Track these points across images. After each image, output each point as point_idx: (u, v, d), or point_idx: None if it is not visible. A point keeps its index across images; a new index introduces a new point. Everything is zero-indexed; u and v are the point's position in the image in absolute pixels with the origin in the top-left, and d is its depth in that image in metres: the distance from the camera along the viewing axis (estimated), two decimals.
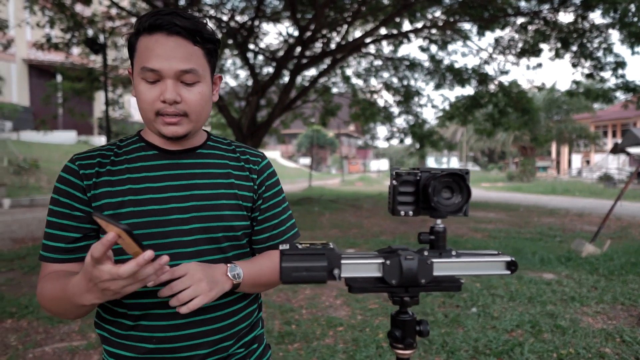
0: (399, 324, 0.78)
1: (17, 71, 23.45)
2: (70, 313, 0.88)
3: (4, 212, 11.85)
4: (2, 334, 3.33)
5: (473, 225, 8.93)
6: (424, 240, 0.80)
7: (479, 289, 4.31)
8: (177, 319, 0.92)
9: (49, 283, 0.89)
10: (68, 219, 0.92)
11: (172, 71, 0.88)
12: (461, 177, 0.77)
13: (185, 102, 0.91)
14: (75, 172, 0.93)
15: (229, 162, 1.03)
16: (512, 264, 0.80)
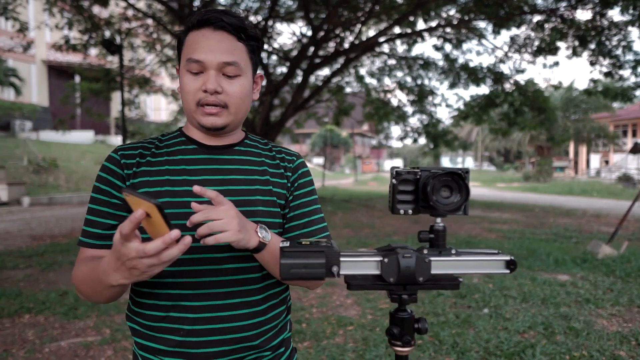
0: (398, 321, 0.79)
1: (37, 72, 23.95)
2: (101, 295, 0.90)
3: (24, 210, 12.13)
4: (20, 328, 3.42)
5: (487, 226, 8.84)
6: (424, 238, 0.81)
7: (491, 290, 4.27)
8: (205, 312, 0.93)
9: (83, 266, 0.92)
10: (106, 206, 0.95)
11: (215, 62, 0.92)
12: (460, 176, 0.78)
13: (226, 94, 0.94)
14: (117, 161, 0.97)
15: (265, 159, 1.05)
16: (512, 263, 0.80)
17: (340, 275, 0.75)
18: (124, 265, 0.75)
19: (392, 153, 61.96)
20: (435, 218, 0.80)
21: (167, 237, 0.69)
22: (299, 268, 0.74)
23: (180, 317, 0.93)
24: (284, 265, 0.73)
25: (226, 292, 0.94)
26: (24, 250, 6.39)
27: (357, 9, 10.64)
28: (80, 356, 2.98)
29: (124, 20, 11.48)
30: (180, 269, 0.92)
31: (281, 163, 1.07)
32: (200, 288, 0.93)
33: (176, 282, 0.93)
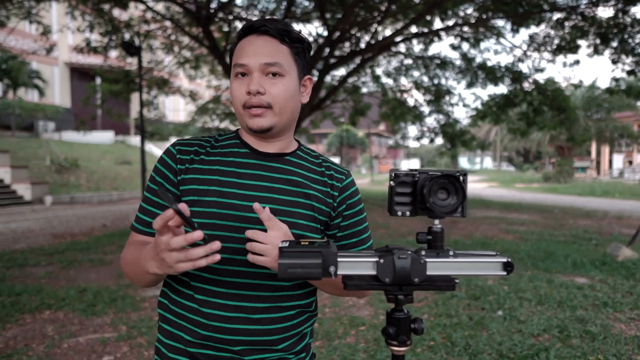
0: (394, 321, 0.80)
1: (60, 74, 24.52)
2: (140, 279, 0.95)
3: (46, 209, 12.43)
4: (40, 324, 3.52)
5: (504, 227, 8.73)
6: (422, 240, 0.82)
7: (506, 292, 4.22)
8: (236, 312, 0.96)
9: (131, 248, 0.99)
10: (158, 196, 1.00)
11: (257, 64, 0.95)
12: (456, 178, 0.78)
13: (269, 94, 0.96)
14: (173, 155, 1.01)
15: (313, 174, 1.06)
16: (508, 265, 0.80)
17: (337, 275, 0.77)
18: (157, 256, 0.80)
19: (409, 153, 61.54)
20: (433, 220, 0.81)
21: (189, 235, 0.74)
22: (296, 268, 0.76)
23: (210, 313, 0.95)
24: (281, 265, 0.76)
25: (259, 295, 0.97)
26: (46, 248, 6.56)
27: (373, 8, 10.61)
28: (97, 352, 3.05)
29: (143, 22, 11.69)
30: (220, 267, 0.95)
31: (329, 181, 1.07)
32: (236, 288, 0.96)
33: (214, 279, 0.96)
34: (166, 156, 1.03)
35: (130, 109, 24.01)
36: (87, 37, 11.36)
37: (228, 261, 0.95)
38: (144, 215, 1.01)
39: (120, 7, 10.03)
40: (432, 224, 0.82)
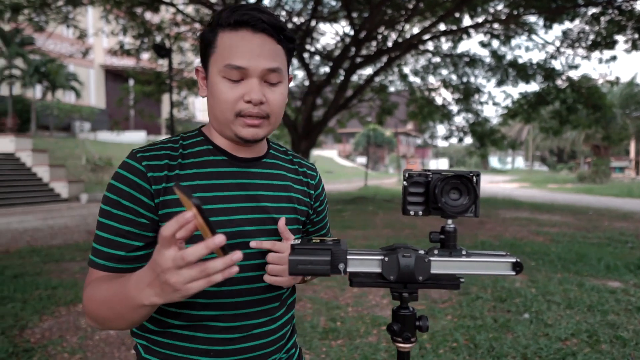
0: (399, 318, 0.82)
1: (95, 76, 25.39)
2: (124, 319, 0.76)
3: (82, 206, 12.91)
4: (74, 316, 3.67)
5: (535, 229, 8.52)
6: (434, 239, 0.83)
7: (533, 295, 4.13)
8: (236, 333, 0.90)
9: (102, 285, 0.80)
10: (131, 225, 0.83)
11: (259, 70, 0.84)
12: (469, 179, 0.79)
13: (269, 104, 0.87)
14: (141, 173, 0.84)
15: (288, 173, 1.02)
16: (517, 265, 0.80)
17: (346, 272, 0.79)
18: (157, 279, 0.65)
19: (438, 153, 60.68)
20: (446, 219, 0.82)
21: (211, 242, 0.59)
22: (306, 264, 0.79)
23: (209, 337, 0.88)
24: (292, 261, 0.78)
25: (258, 310, 0.92)
26: (81, 244, 6.82)
27: (401, 7, 10.53)
28: (127, 344, 3.17)
29: (173, 25, 11.98)
30: (216, 289, 0.87)
31: (304, 179, 1.04)
32: (232, 309, 0.89)
33: (206, 302, 0.87)
34: (133, 175, 0.84)
35: (161, 110, 24.66)
36: (120, 40, 11.75)
37: (224, 282, 0.88)
38: (114, 249, 0.83)
39: (152, 10, 10.34)
40: (445, 223, 0.82)
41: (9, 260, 5.63)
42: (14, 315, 3.60)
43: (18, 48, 18.05)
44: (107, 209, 0.84)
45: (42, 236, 7.67)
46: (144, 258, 0.84)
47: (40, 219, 9.92)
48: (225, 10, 0.86)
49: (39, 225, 8.97)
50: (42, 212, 11.27)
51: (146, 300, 0.68)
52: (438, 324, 3.47)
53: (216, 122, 0.90)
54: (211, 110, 0.90)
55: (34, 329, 3.38)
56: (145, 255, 0.85)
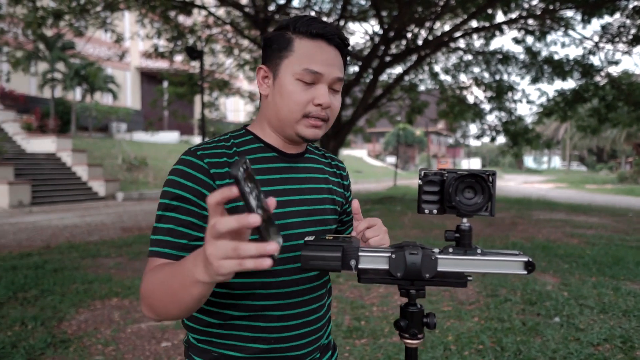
0: (406, 315, 0.83)
1: (131, 78, 26.22)
2: (175, 300, 0.74)
3: (118, 204, 13.37)
4: (108, 310, 3.82)
5: (570, 230, 8.25)
6: (449, 237, 0.84)
7: (565, 298, 4.02)
8: (291, 320, 0.96)
9: (162, 268, 0.81)
10: (194, 216, 0.87)
11: (331, 77, 0.93)
12: (483, 178, 0.80)
13: (331, 109, 0.95)
14: (205, 170, 0.89)
15: (325, 167, 1.09)
16: (529, 265, 0.80)
17: (358, 268, 0.81)
18: (202, 254, 0.65)
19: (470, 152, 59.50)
20: (461, 218, 0.82)
21: (244, 218, 0.56)
22: (317, 260, 0.81)
23: (268, 326, 0.93)
24: (304, 256, 0.81)
25: (309, 298, 0.98)
26: (116, 240, 7.08)
27: (431, 4, 10.39)
28: (157, 337, 3.28)
29: (205, 27, 12.24)
30: (273, 280, 0.93)
31: (337, 171, 1.13)
32: (289, 297, 0.95)
33: (266, 293, 0.93)
34: (195, 171, 0.88)
35: (193, 110, 25.21)
36: (155, 43, 12.11)
37: (280, 272, 0.93)
38: (175, 238, 0.85)
39: (185, 13, 10.60)
40: (460, 222, 0.83)
41: (49, 255, 5.91)
42: (53, 308, 3.79)
43: (60, 52, 18.85)
44: (169, 203, 0.87)
45: (80, 233, 8.00)
46: None
47: (78, 216, 10.34)
48: (300, 20, 0.94)
49: (78, 222, 9.36)
50: (81, 210, 11.75)
51: (198, 274, 0.66)
52: (464, 325, 3.43)
53: (277, 120, 0.95)
54: (274, 108, 0.95)
55: (71, 321, 3.54)
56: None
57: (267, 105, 0.97)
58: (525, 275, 0.77)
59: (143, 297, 0.82)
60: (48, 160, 14.89)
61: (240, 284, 0.92)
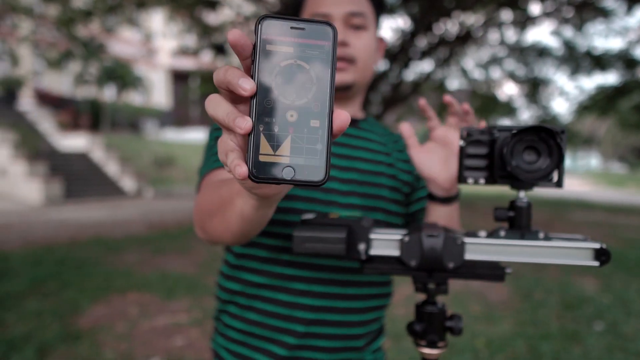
0: (423, 316, 0.64)
1: (160, 77, 26.70)
2: (227, 210, 0.63)
3: (147, 201, 13.55)
4: (125, 305, 3.76)
5: (609, 232, 7.77)
6: (501, 217, 0.64)
7: (608, 303, 3.70)
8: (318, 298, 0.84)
9: (213, 185, 0.74)
10: None
11: (342, 13, 0.86)
12: (550, 132, 0.58)
13: (354, 47, 0.86)
14: None
15: (390, 142, 0.97)
16: (602, 253, 0.58)
17: (368, 255, 0.63)
18: None
19: None
20: (518, 191, 0.63)
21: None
22: (315, 242, 0.63)
23: (290, 302, 0.83)
24: (297, 238, 0.63)
25: (336, 279, 0.85)
26: (140, 236, 7.10)
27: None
28: (171, 334, 3.18)
29: (232, 25, 12.24)
30: (302, 260, 0.84)
31: (404, 149, 0.97)
32: (311, 269, 0.84)
33: (289, 260, 0.83)
34: None
35: None
36: (183, 42, 12.19)
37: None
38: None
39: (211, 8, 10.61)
40: (515, 197, 0.63)
41: (74, 249, 5.95)
42: (71, 301, 3.75)
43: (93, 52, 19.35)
44: (214, 138, 0.87)
45: (107, 228, 8.08)
46: None
47: (107, 212, 10.50)
48: None
49: (105, 218, 9.48)
50: (110, 206, 11.94)
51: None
52: (496, 329, 3.18)
53: None
54: None
55: (87, 316, 3.48)
56: None
57: None
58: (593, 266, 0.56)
59: (195, 214, 0.75)
60: (80, 157, 15.26)
61: (265, 245, 0.84)
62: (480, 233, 0.61)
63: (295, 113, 0.36)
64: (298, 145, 0.35)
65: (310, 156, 0.35)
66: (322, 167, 0.35)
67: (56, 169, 13.43)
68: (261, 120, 0.35)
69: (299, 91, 0.36)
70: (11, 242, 6.27)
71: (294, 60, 0.36)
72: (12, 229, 7.61)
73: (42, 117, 17.39)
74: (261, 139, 0.35)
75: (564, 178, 0.59)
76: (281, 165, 0.35)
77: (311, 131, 0.36)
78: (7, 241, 6.34)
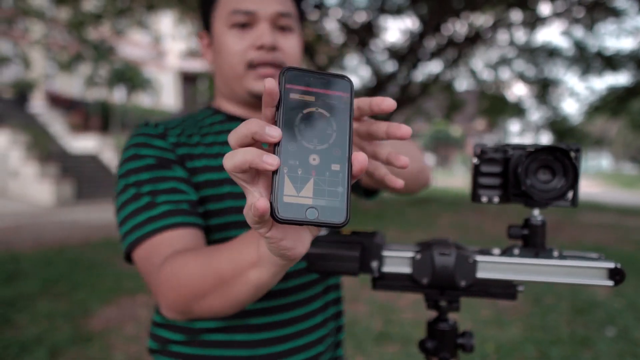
0: (435, 333, 0.65)
1: (169, 79, 26.88)
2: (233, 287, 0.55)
3: None
4: (135, 306, 3.79)
5: (622, 235, 7.69)
6: (515, 234, 0.64)
7: (619, 308, 3.66)
8: (285, 328, 0.76)
9: (192, 256, 0.61)
10: (179, 181, 0.73)
11: (269, 13, 0.76)
12: (565, 153, 0.59)
13: (283, 51, 0.78)
14: (161, 135, 0.77)
15: None
16: (617, 273, 0.59)
17: (380, 272, 0.63)
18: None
19: None
20: (532, 209, 0.63)
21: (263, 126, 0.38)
22: (328, 260, 0.64)
23: (252, 340, 0.73)
24: (312, 255, 0.64)
25: (307, 312, 0.79)
26: None
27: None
28: None
29: None
30: None
31: None
32: (285, 310, 0.76)
33: (257, 308, 0.74)
34: (152, 138, 0.75)
35: None
36: (192, 44, 12.27)
37: None
38: (175, 205, 0.68)
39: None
40: (529, 215, 0.63)
41: (85, 251, 6.01)
42: (81, 303, 3.79)
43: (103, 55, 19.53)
44: (133, 179, 0.72)
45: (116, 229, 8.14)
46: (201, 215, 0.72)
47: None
48: None
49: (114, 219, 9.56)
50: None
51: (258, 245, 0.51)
52: (505, 334, 3.17)
53: (226, 84, 0.81)
54: (219, 71, 0.81)
55: (98, 317, 3.52)
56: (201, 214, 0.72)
57: (215, 73, 0.84)
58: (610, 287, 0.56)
59: (167, 294, 0.61)
60: (90, 158, 15.41)
61: None
62: (494, 251, 0.61)
63: (318, 157, 0.37)
64: (320, 188, 0.37)
65: (332, 198, 0.37)
66: (343, 209, 0.36)
67: (67, 171, 13.57)
68: (285, 162, 0.37)
69: (321, 137, 0.38)
70: (23, 243, 6.35)
71: (315, 108, 0.38)
72: (23, 230, 7.71)
73: (53, 119, 17.60)
74: (285, 180, 0.36)
75: (578, 196, 0.59)
76: (305, 206, 0.36)
77: (332, 174, 0.37)
78: (19, 242, 6.43)
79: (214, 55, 0.81)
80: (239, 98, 0.80)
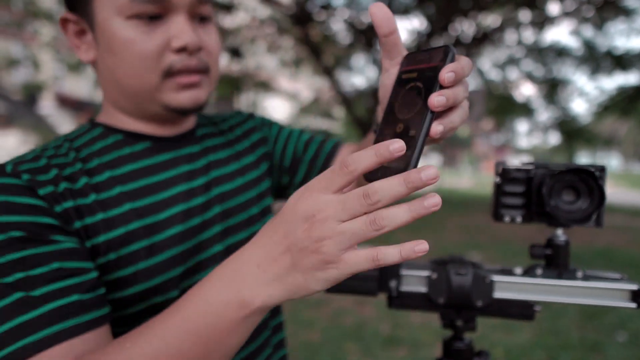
0: (452, 353, 0.64)
1: None
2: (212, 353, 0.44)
3: None
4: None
5: (633, 236, 7.62)
6: (537, 254, 0.63)
7: (631, 312, 3.63)
8: None
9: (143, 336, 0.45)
10: (66, 257, 0.51)
11: (187, 0, 0.58)
12: (590, 174, 0.58)
13: (206, 50, 0.61)
14: (31, 192, 0.52)
15: (238, 130, 0.77)
16: (639, 295, 0.58)
17: (398, 291, 0.63)
18: (289, 251, 0.39)
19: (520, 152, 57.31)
20: (555, 229, 0.63)
21: (384, 145, 0.37)
22: (351, 280, 0.63)
23: None
24: None
25: (270, 333, 0.73)
26: None
27: None
28: None
29: (247, 28, 12.33)
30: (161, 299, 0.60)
31: (253, 135, 0.77)
32: (252, 340, 0.69)
33: None
34: (12, 194, 0.50)
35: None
36: None
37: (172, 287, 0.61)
38: (77, 294, 0.49)
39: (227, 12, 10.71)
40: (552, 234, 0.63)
41: None
42: None
43: None
44: (15, 258, 0.48)
45: None
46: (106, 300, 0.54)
47: None
48: None
49: None
50: None
51: (263, 293, 0.40)
52: (515, 338, 3.15)
53: (127, 95, 0.60)
54: (113, 76, 0.59)
55: None
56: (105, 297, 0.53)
57: (102, 77, 0.62)
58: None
59: None
60: None
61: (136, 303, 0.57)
62: (516, 270, 0.60)
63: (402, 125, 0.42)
64: None
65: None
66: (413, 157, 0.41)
67: None
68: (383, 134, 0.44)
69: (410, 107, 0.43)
70: None
71: (414, 83, 0.44)
72: None
73: (62, 119, 17.80)
74: None
75: (604, 217, 0.59)
76: None
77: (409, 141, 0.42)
78: None
79: (100, 52, 0.59)
80: (148, 112, 0.61)
